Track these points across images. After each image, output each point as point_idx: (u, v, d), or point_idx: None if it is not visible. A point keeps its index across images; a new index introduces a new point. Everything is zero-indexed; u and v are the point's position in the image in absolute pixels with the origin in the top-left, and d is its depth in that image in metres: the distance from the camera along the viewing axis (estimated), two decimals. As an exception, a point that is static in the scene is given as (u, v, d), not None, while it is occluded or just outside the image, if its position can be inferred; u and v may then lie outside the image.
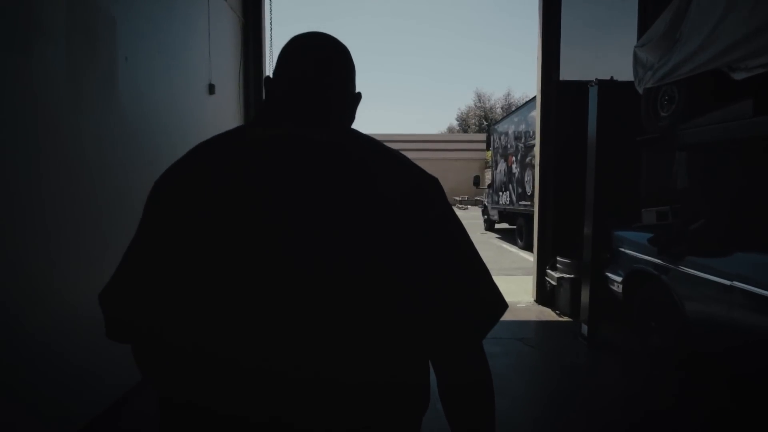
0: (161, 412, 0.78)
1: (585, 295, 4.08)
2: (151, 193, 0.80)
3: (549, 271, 5.15)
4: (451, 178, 33.57)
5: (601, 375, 3.51)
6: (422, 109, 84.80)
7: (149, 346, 0.79)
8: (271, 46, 5.16)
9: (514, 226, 12.02)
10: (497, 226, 14.64)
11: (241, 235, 0.71)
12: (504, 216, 12.86)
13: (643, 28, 5.03)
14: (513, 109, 36.92)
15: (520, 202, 10.43)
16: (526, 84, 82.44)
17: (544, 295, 5.29)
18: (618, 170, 4.41)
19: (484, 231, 14.82)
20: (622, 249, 4.19)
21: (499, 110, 45.88)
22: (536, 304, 5.34)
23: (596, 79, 3.88)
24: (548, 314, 4.96)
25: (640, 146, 4.22)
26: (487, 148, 35.77)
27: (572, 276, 4.80)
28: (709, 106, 3.27)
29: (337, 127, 0.82)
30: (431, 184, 0.79)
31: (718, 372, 3.24)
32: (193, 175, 0.77)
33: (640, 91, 4.12)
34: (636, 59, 4.24)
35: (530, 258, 9.05)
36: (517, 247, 10.59)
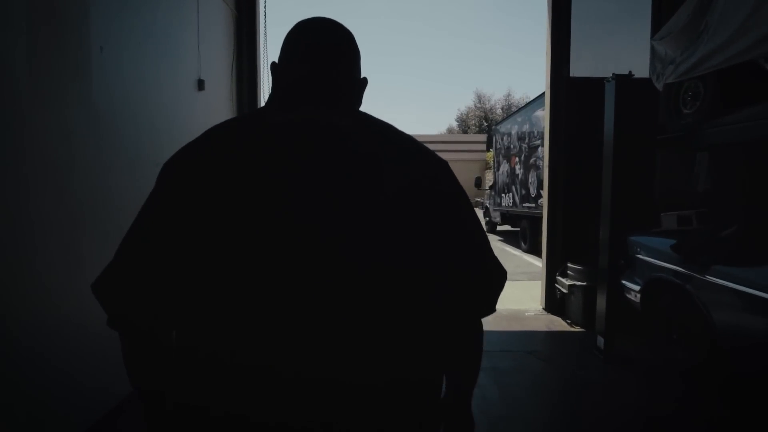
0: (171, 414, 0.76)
1: (601, 305, 3.81)
2: (160, 174, 0.77)
3: (559, 277, 4.89)
4: (451, 179, 33.33)
5: (620, 393, 3.24)
6: (421, 110, 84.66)
7: (148, 340, 0.76)
8: (265, 41, 4.90)
9: (517, 229, 11.76)
10: (499, 228, 14.39)
11: (254, 225, 0.69)
12: (506, 218, 12.60)
13: (658, 21, 4.78)
14: (513, 109, 36.77)
15: (524, 204, 10.17)
16: (527, 84, 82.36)
17: (554, 303, 5.02)
18: (631, 171, 4.16)
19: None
20: (640, 256, 3.93)
21: (499, 111, 45.65)
22: (545, 313, 5.07)
23: (614, 74, 3.61)
24: (559, 324, 4.69)
25: (657, 146, 3.96)
26: (488, 149, 35.74)
27: (584, 283, 4.53)
28: (740, 101, 3.00)
29: (349, 111, 0.82)
30: (441, 167, 0.82)
31: (751, 391, 2.98)
32: (206, 159, 0.74)
33: (659, 86, 3.87)
34: (653, 53, 3.98)
35: (535, 262, 8.80)
36: (520, 251, 10.33)
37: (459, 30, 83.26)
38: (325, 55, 0.82)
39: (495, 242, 12.32)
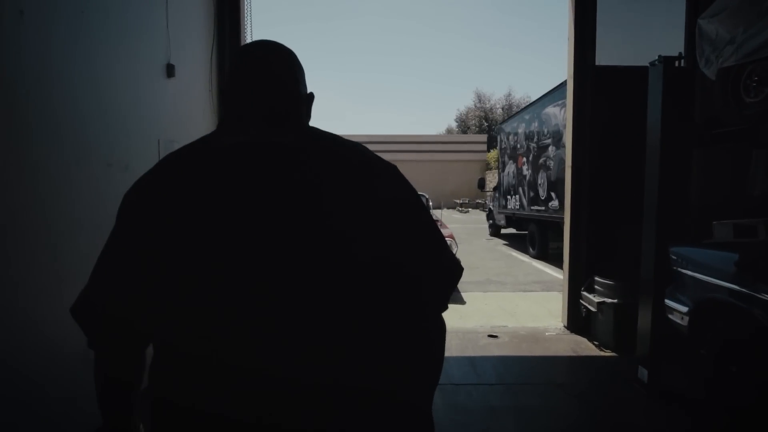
0: (153, 413, 0.80)
1: (643, 328, 3.23)
2: (121, 205, 0.82)
3: (585, 293, 4.30)
4: (451, 180, 32.80)
5: (675, 441, 2.67)
6: (420, 111, 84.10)
7: (130, 354, 0.82)
8: (251, 23, 4.30)
9: (523, 232, 11.19)
10: (503, 231, 13.81)
11: (216, 241, 0.73)
12: (512, 221, 12.03)
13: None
14: (515, 109, 36.32)
15: (532, 207, 9.59)
16: (527, 84, 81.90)
17: (578, 321, 4.43)
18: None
19: (489, 237, 13.97)
20: (686, 271, 3.35)
21: (499, 111, 45.08)
22: (568, 332, 4.48)
23: (660, 55, 3.04)
24: (586, 346, 4.10)
25: (706, 142, 3.38)
26: (488, 150, 35.30)
27: (615, 301, 3.95)
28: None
29: (297, 128, 0.84)
30: (388, 172, 0.84)
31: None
32: (164, 187, 0.79)
33: (709, 72, 3.29)
34: (701, 34, 3.39)
35: (547, 269, 8.23)
36: (528, 257, 9.73)
37: (459, 30, 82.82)
38: (268, 76, 0.85)
39: (499, 246, 11.74)
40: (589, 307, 4.19)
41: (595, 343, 4.14)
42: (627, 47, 4.62)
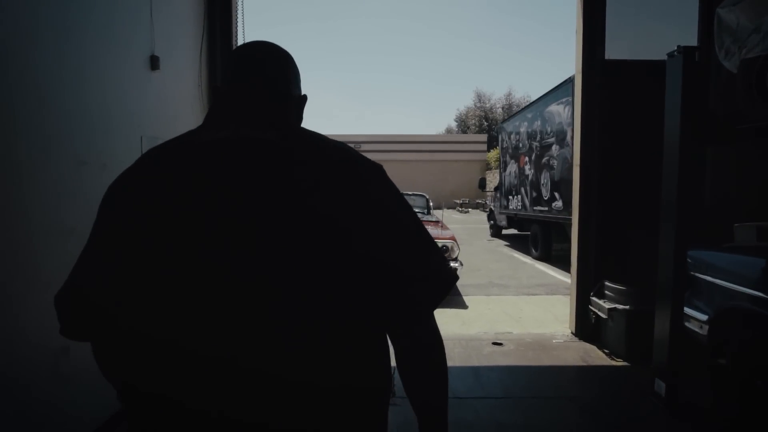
0: (126, 404, 0.80)
1: (660, 338, 3.02)
2: (104, 197, 0.82)
3: (594, 298, 4.09)
4: (450, 180, 32.57)
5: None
6: (419, 111, 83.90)
7: (106, 342, 0.81)
8: (242, 15, 4.09)
9: (524, 233, 10.98)
10: (504, 232, 13.61)
11: (194, 235, 0.73)
12: (514, 222, 11.83)
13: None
14: (515, 108, 36.11)
15: (535, 208, 9.39)
16: (527, 85, 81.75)
17: (587, 327, 4.22)
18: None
19: (490, 237, 13.76)
20: (705, 276, 3.14)
21: (499, 110, 44.87)
22: (576, 339, 4.27)
23: (679, 46, 2.84)
24: (596, 355, 3.89)
25: (733, 138, 3.18)
26: (488, 149, 35.07)
27: (627, 307, 3.75)
28: None
29: (280, 126, 0.83)
30: (374, 172, 0.83)
31: None
32: (147, 179, 0.79)
33: (729, 64, 3.09)
34: (720, 25, 3.19)
35: (550, 272, 8.02)
36: (531, 258, 9.52)
37: (459, 30, 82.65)
38: (258, 76, 0.87)
39: (501, 248, 11.54)
40: (599, 313, 3.98)
41: (606, 351, 3.93)
42: (637, 41, 4.41)
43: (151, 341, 0.74)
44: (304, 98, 0.94)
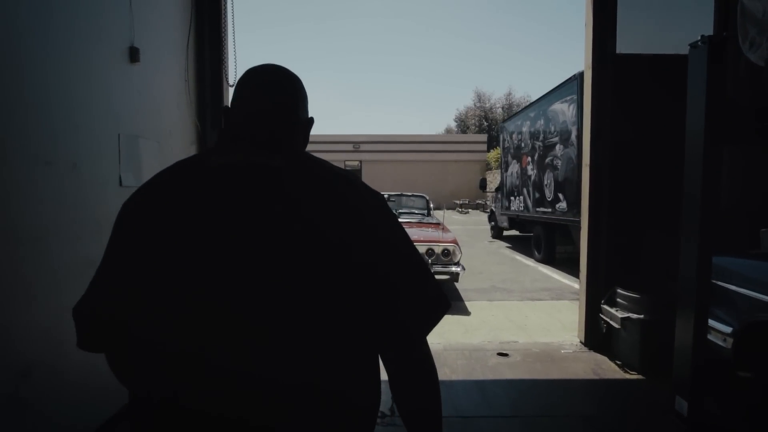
0: (140, 411, 0.85)
1: (682, 351, 2.79)
2: (120, 213, 0.87)
3: (606, 306, 3.86)
4: (450, 180, 32.32)
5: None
6: (418, 111, 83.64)
7: (120, 354, 0.85)
8: (232, 4, 3.84)
9: (526, 234, 10.76)
10: (505, 233, 13.38)
11: (202, 254, 0.78)
12: (515, 223, 11.60)
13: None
14: (515, 108, 35.88)
15: (538, 209, 9.16)
16: (527, 85, 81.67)
17: (597, 337, 3.99)
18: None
19: (491, 239, 13.53)
20: (730, 286, 2.93)
21: (499, 110, 44.63)
22: (586, 349, 4.04)
23: (703, 36, 2.61)
24: (608, 367, 3.66)
25: (762, 136, 2.95)
26: (488, 149, 34.82)
27: (642, 317, 3.52)
28: None
29: (286, 152, 0.87)
30: (375, 200, 0.87)
31: None
32: (159, 200, 0.85)
33: (755, 56, 2.85)
34: (744, 14, 2.96)
35: (554, 275, 7.79)
36: (534, 261, 9.29)
37: (458, 30, 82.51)
38: (266, 102, 0.90)
39: (502, 249, 11.31)
40: (611, 322, 3.75)
41: (618, 362, 3.70)
42: (649, 34, 4.19)
43: (162, 352, 0.79)
44: (311, 121, 0.99)
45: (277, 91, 0.91)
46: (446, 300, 0.86)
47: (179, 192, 0.83)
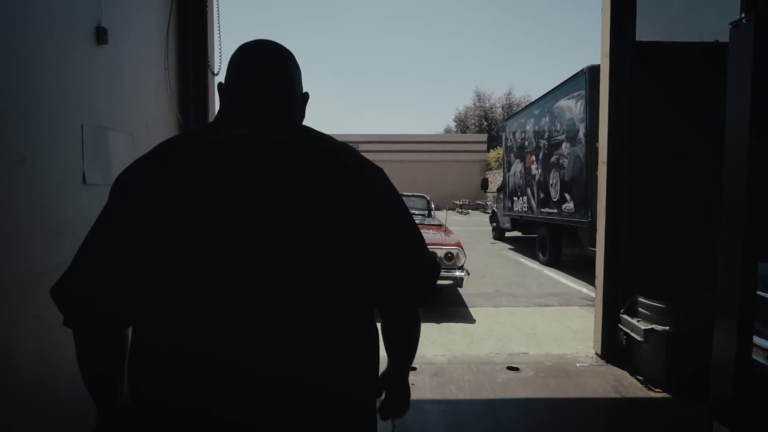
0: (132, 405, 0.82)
1: (722, 369, 2.46)
2: (113, 187, 0.82)
3: (625, 316, 3.54)
4: (450, 180, 32.04)
5: None
6: (418, 111, 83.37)
7: (106, 336, 0.82)
8: (217, -11, 3.52)
9: (530, 235, 10.43)
10: (508, 234, 13.06)
11: (202, 231, 0.76)
12: (518, 224, 11.27)
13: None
14: (515, 108, 35.60)
15: (543, 210, 8.83)
16: (527, 84, 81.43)
17: (615, 349, 3.67)
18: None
19: (493, 240, 13.21)
20: (772, 296, 2.61)
21: (499, 110, 44.33)
22: (603, 362, 3.72)
23: (746, 12, 2.29)
24: (629, 383, 3.34)
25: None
26: (488, 149, 34.53)
27: (668, 328, 3.20)
28: None
29: (291, 125, 0.87)
30: (375, 173, 0.89)
31: None
32: (156, 173, 0.80)
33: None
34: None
35: (561, 279, 7.47)
36: (539, 263, 8.96)
37: (458, 30, 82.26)
38: (264, 73, 0.90)
39: (505, 251, 10.98)
40: (632, 334, 3.43)
41: (639, 378, 3.38)
42: (670, 20, 3.88)
43: (153, 340, 0.77)
44: (307, 96, 0.99)
45: (276, 61, 0.92)
46: (438, 267, 0.94)
47: (181, 165, 0.80)
